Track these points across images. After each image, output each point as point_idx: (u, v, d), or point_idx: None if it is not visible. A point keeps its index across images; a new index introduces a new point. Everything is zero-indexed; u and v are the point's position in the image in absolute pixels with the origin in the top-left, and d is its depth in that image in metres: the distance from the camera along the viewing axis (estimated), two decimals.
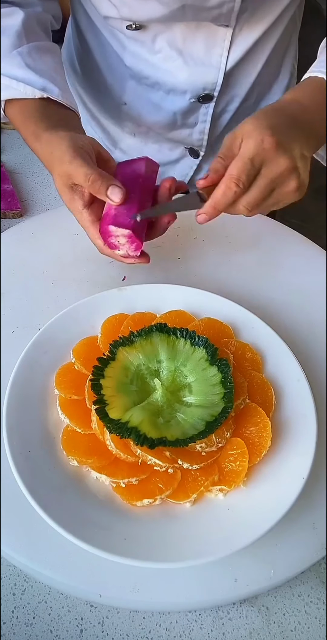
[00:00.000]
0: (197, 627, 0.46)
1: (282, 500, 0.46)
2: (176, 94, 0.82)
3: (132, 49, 0.80)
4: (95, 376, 0.51)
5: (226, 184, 0.55)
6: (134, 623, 0.46)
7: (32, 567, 0.45)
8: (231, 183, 0.54)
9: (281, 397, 0.54)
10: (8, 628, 0.45)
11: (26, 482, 0.46)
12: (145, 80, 0.83)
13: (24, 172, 0.91)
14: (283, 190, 0.56)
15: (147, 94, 0.84)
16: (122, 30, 0.78)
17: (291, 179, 0.55)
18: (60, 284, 0.68)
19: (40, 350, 0.56)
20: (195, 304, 0.62)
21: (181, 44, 0.77)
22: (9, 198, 0.83)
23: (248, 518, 0.46)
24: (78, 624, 0.46)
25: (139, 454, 0.48)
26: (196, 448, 0.48)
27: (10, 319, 0.63)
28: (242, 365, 0.56)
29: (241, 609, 0.47)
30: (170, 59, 0.78)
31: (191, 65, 0.78)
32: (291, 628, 0.46)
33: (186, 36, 0.76)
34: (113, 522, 0.46)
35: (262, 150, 0.54)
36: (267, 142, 0.53)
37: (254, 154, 0.54)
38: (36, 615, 0.46)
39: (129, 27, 0.76)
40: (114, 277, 0.69)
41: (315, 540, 0.48)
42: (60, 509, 0.45)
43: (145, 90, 0.84)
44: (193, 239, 0.75)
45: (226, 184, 0.54)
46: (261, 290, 0.68)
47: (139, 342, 0.55)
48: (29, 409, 0.52)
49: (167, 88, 0.82)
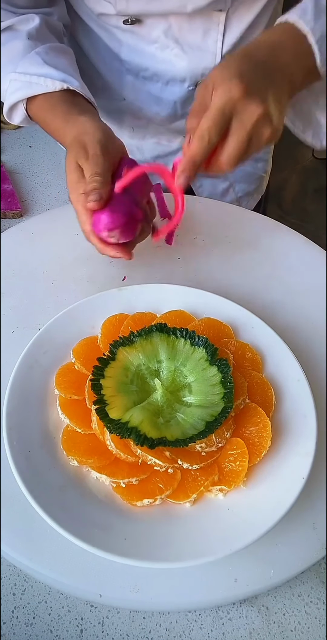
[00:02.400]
0: (197, 627, 0.46)
1: (282, 500, 0.46)
2: (175, 83, 0.83)
3: (128, 42, 0.81)
4: (95, 376, 0.51)
5: (198, 135, 0.54)
6: (134, 623, 0.46)
7: (32, 567, 0.45)
8: (204, 133, 0.53)
9: (281, 397, 0.54)
10: (8, 628, 0.45)
11: (26, 482, 0.46)
12: (143, 72, 0.84)
13: (24, 172, 0.91)
14: (258, 138, 0.55)
15: (146, 87, 0.85)
16: (118, 25, 0.79)
17: (264, 126, 0.54)
18: (60, 284, 0.68)
19: (40, 350, 0.56)
20: (195, 304, 0.62)
21: (177, 33, 0.78)
22: (9, 198, 0.83)
23: (248, 518, 0.46)
24: (78, 624, 0.46)
25: (139, 454, 0.48)
26: (196, 448, 0.48)
27: (10, 319, 0.63)
28: (242, 365, 0.56)
29: (241, 609, 0.47)
30: (167, 48, 0.79)
31: (188, 52, 0.79)
32: (291, 628, 0.47)
33: (181, 24, 0.77)
34: (113, 522, 0.46)
35: (231, 99, 0.53)
36: (236, 90, 0.52)
37: (224, 103, 0.53)
38: (36, 615, 0.46)
39: (125, 21, 0.77)
40: (114, 277, 0.69)
41: (315, 540, 0.48)
42: (60, 509, 0.45)
43: (143, 83, 0.85)
44: (193, 239, 0.75)
45: (198, 135, 0.54)
46: (261, 290, 0.68)
47: (139, 342, 0.55)
48: (29, 409, 0.52)
49: (166, 78, 0.83)
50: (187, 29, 0.77)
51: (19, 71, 0.68)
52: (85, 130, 0.62)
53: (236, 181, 1.02)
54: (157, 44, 0.80)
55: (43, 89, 0.67)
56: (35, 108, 0.70)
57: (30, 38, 0.70)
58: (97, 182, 0.58)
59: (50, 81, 0.67)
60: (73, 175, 0.61)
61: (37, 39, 0.71)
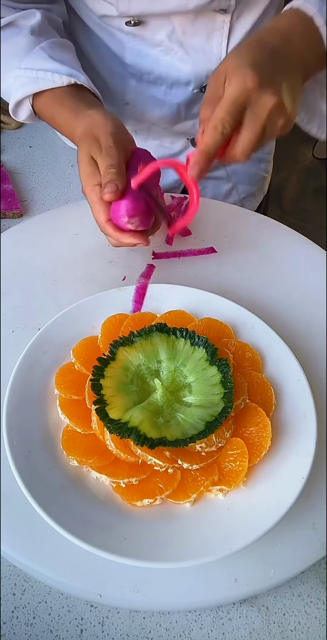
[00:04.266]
0: (197, 627, 0.46)
1: (282, 500, 0.46)
2: (179, 86, 0.83)
3: (131, 45, 0.80)
4: (95, 376, 0.51)
5: (211, 126, 0.54)
6: (134, 623, 0.46)
7: (32, 567, 0.45)
8: (217, 124, 0.54)
9: (281, 397, 0.54)
10: (8, 628, 0.45)
11: (26, 482, 0.46)
12: (147, 76, 0.83)
13: (24, 172, 0.91)
14: (272, 127, 0.55)
15: (149, 91, 0.84)
16: (121, 27, 0.78)
17: (278, 116, 0.54)
18: (60, 284, 0.68)
19: (40, 350, 0.56)
20: (195, 304, 0.62)
21: (181, 36, 0.77)
22: (9, 198, 0.83)
23: (248, 518, 0.46)
24: (78, 624, 0.46)
25: (139, 454, 0.48)
26: (196, 448, 0.48)
27: (10, 319, 0.63)
28: (242, 365, 0.56)
29: (241, 609, 0.47)
30: (171, 51, 0.79)
31: (192, 55, 0.79)
32: (291, 628, 0.46)
33: (185, 27, 0.76)
34: (113, 522, 0.46)
35: (246, 91, 0.52)
36: (250, 80, 0.52)
37: (238, 95, 0.53)
38: (36, 615, 0.46)
39: (127, 23, 0.77)
40: (114, 277, 0.69)
41: (315, 540, 0.48)
42: (60, 509, 0.45)
43: (147, 87, 0.84)
44: (193, 239, 0.75)
45: (212, 126, 0.54)
46: (261, 290, 0.68)
47: (139, 342, 0.55)
48: (29, 409, 0.52)
49: (170, 81, 0.82)
50: (191, 32, 0.77)
51: (24, 67, 0.68)
52: (96, 123, 0.62)
53: (239, 182, 1.02)
54: (161, 47, 0.79)
55: (50, 84, 0.67)
56: (42, 104, 0.70)
57: (33, 33, 0.70)
58: (112, 173, 0.58)
59: (58, 76, 0.67)
60: (87, 168, 0.61)
61: (40, 34, 0.71)
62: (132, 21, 0.76)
